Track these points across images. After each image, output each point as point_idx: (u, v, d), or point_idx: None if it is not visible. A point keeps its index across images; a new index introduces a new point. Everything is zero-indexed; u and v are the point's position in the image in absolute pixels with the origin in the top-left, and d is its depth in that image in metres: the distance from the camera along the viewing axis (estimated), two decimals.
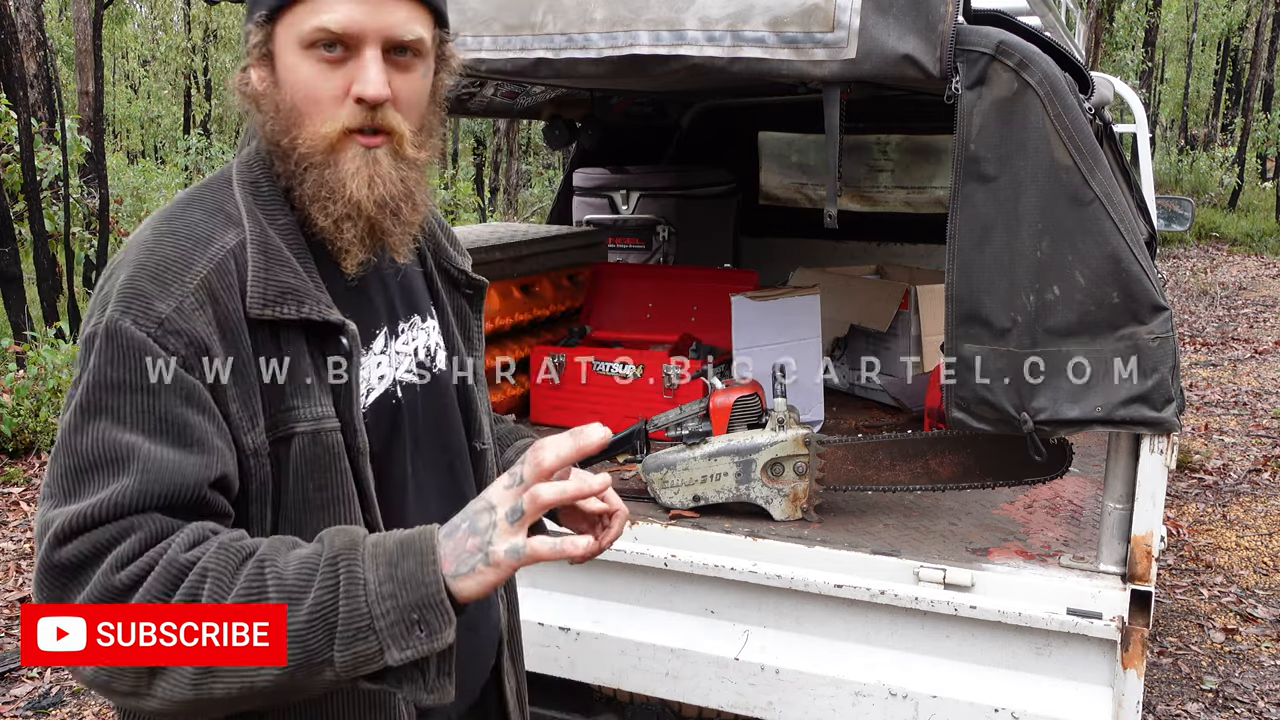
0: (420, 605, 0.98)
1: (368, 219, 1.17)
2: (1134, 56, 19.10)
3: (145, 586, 0.98)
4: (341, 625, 0.97)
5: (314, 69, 1.14)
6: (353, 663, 0.98)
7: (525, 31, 2.14)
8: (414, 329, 1.31)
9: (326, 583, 0.98)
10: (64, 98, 11.66)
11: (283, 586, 0.98)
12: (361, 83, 1.13)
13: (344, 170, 1.15)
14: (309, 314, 1.14)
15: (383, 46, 1.14)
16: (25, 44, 8.48)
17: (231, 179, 1.21)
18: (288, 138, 1.16)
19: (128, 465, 1.02)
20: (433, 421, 1.32)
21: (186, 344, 1.06)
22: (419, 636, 0.98)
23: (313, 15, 1.12)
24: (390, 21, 1.14)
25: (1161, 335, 1.84)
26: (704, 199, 4.66)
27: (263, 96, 1.17)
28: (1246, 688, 3.60)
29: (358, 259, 1.19)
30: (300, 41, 1.13)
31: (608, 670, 2.23)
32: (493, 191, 18.12)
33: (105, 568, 0.99)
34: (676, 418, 2.40)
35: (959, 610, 1.99)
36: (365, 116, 1.15)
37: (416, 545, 1.00)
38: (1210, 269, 14.27)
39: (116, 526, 1.00)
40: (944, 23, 1.85)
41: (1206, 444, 6.38)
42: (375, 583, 0.98)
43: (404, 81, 1.17)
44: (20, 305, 7.28)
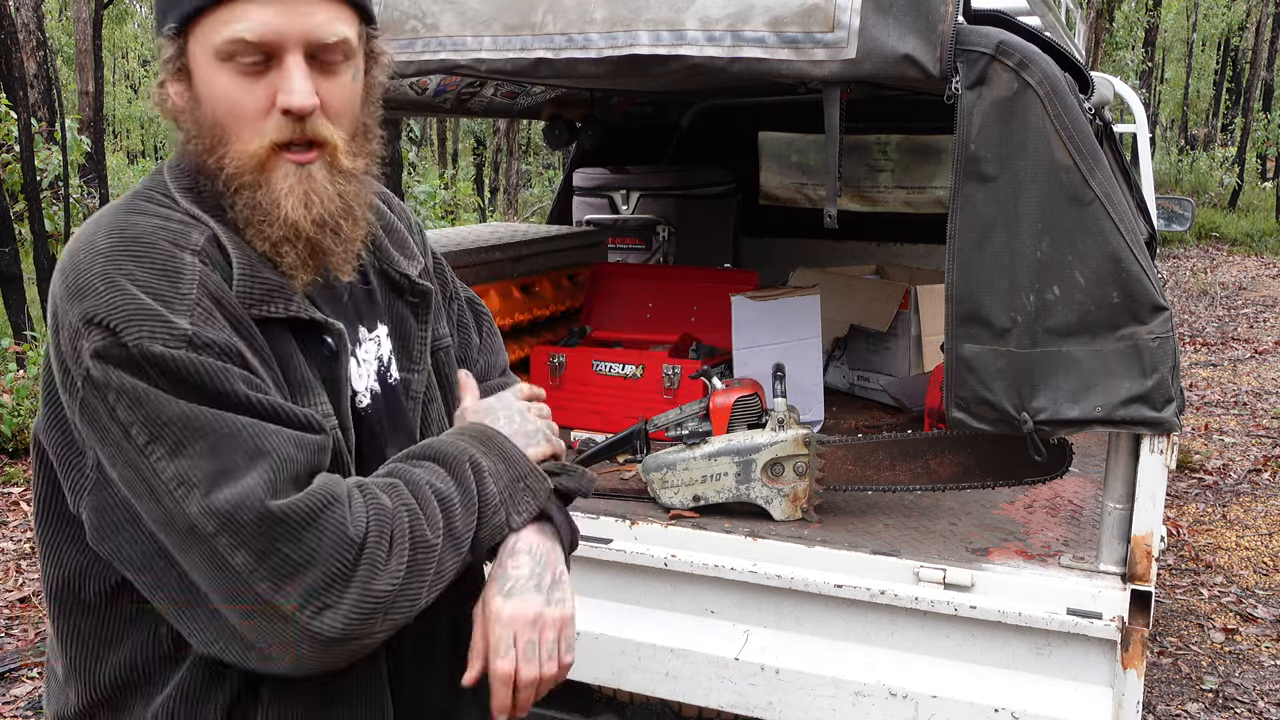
0: (522, 475, 1.22)
1: (307, 240, 1.10)
2: (1134, 56, 19.11)
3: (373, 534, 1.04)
4: (482, 506, 1.16)
5: (233, 81, 1.06)
6: (491, 535, 1.18)
7: (525, 31, 2.14)
8: (369, 339, 1.25)
9: (468, 479, 1.16)
10: (64, 98, 11.66)
11: (447, 500, 1.13)
12: (286, 93, 1.06)
13: (277, 190, 1.08)
14: (297, 312, 1.10)
15: (305, 51, 1.07)
16: (25, 44, 8.48)
17: (167, 186, 1.13)
18: (213, 157, 1.09)
19: (268, 439, 1.00)
20: (395, 431, 1.26)
21: (219, 354, 1.01)
22: (527, 501, 1.22)
23: (225, 25, 1.04)
24: (310, 24, 1.06)
25: (1161, 335, 1.84)
26: (704, 199, 4.66)
27: (182, 113, 1.11)
28: (1246, 688, 3.60)
29: (304, 280, 1.12)
30: (215, 53, 1.06)
31: (608, 670, 2.23)
32: (493, 191, 18.12)
33: (337, 524, 1.01)
34: (676, 418, 2.40)
35: (959, 610, 1.99)
36: (294, 129, 1.07)
37: (495, 434, 1.25)
38: (1210, 269, 14.27)
39: (320, 485, 1.02)
40: (944, 23, 1.85)
41: (1206, 444, 6.38)
42: (490, 464, 1.19)
43: (332, 86, 1.09)
44: (20, 305, 7.29)
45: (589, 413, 2.96)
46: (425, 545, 1.08)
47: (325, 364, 1.13)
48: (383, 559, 1.03)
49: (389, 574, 1.03)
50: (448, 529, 1.11)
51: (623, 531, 2.26)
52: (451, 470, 1.15)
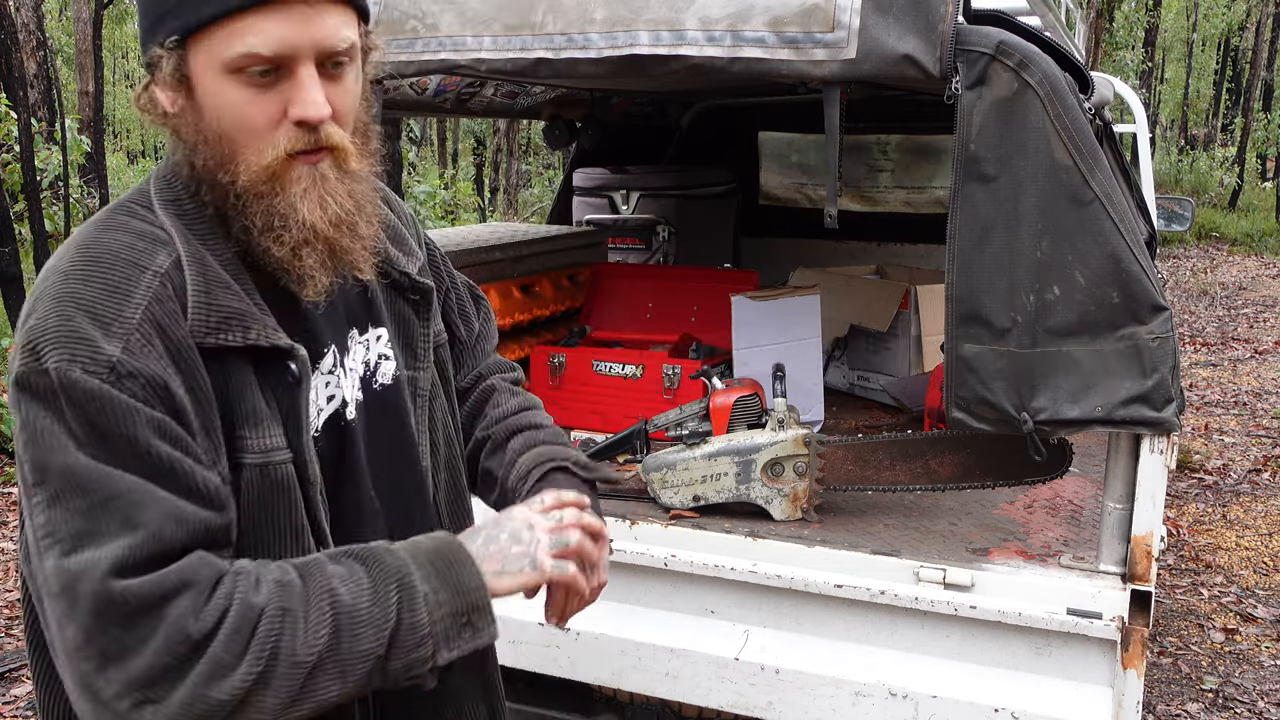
0: (469, 609, 1.07)
1: (326, 240, 1.10)
2: (1134, 56, 19.11)
3: (225, 633, 0.95)
4: (403, 636, 1.03)
5: (243, 95, 1.04)
6: (406, 668, 1.04)
7: (525, 31, 2.14)
8: (356, 342, 1.23)
9: (389, 600, 1.03)
10: (64, 98, 11.66)
11: (353, 613, 1.02)
12: (301, 105, 1.05)
13: (292, 194, 1.07)
14: (255, 340, 1.06)
15: (316, 60, 1.06)
16: (25, 44, 8.49)
17: (150, 199, 1.11)
18: (224, 172, 1.07)
19: (147, 506, 0.96)
20: (377, 440, 1.23)
21: (143, 385, 0.98)
22: (465, 636, 1.07)
23: (237, 39, 1.02)
24: (322, 33, 1.05)
25: (1161, 335, 1.84)
26: (704, 199, 4.66)
27: (179, 120, 1.08)
28: (1246, 688, 3.60)
29: (322, 284, 1.11)
30: (225, 66, 1.03)
31: (608, 670, 2.23)
32: (493, 191, 18.12)
33: (176, 617, 0.94)
34: (676, 418, 2.40)
35: (959, 610, 1.99)
36: (308, 139, 1.07)
37: (457, 554, 1.09)
38: (1210, 269, 14.27)
39: (176, 570, 0.95)
40: (944, 23, 1.85)
41: (1206, 444, 6.38)
42: (431, 593, 1.05)
43: (338, 92, 1.09)
44: (20, 305, 7.29)
45: (589, 413, 2.96)
46: (291, 661, 0.97)
47: (287, 390, 1.10)
48: (228, 663, 0.94)
49: (232, 682, 0.94)
50: (332, 649, 0.99)
51: (623, 531, 2.26)
52: (374, 584, 1.03)
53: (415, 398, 1.29)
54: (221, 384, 1.06)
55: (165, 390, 1.00)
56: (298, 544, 1.10)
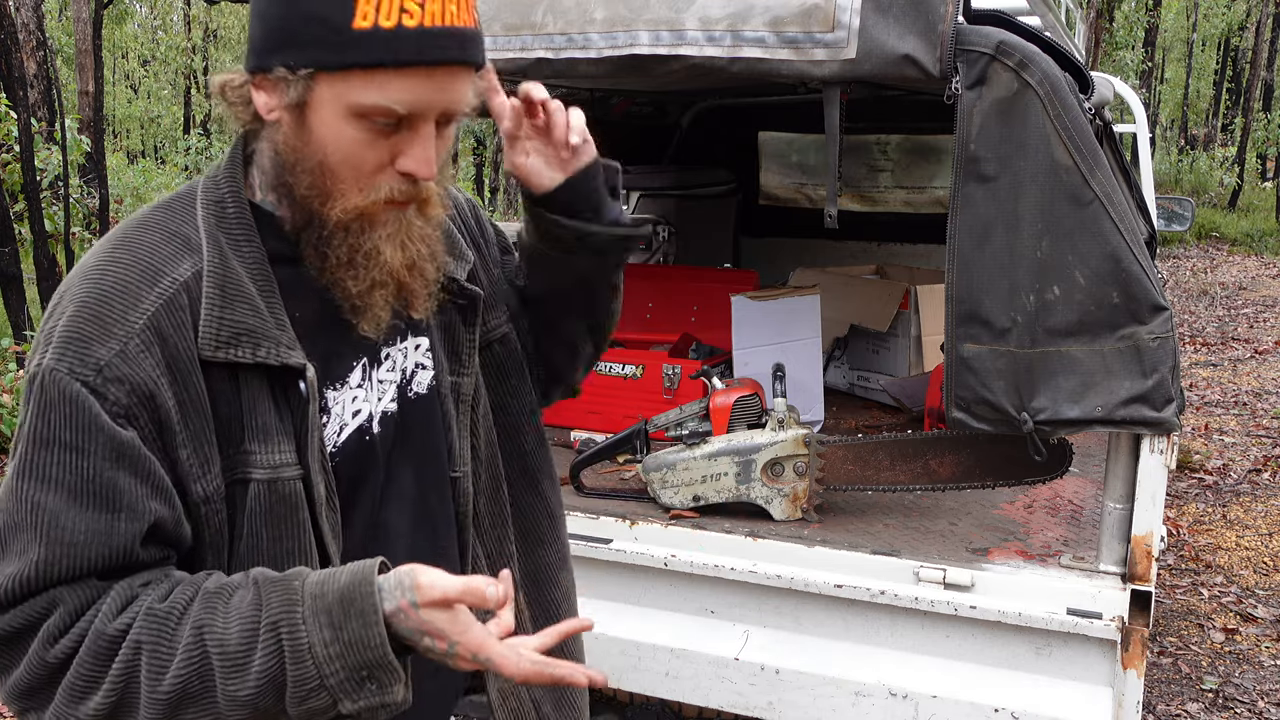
0: (369, 665, 0.98)
1: (399, 283, 1.12)
2: (1134, 56, 19.10)
3: (78, 661, 0.98)
4: (291, 687, 0.98)
5: (361, 137, 1.05)
6: (307, 714, 1.00)
7: (525, 31, 2.14)
8: (395, 351, 1.22)
9: (270, 648, 0.97)
10: (64, 98, 11.65)
11: (225, 654, 0.97)
12: (414, 160, 1.06)
13: (378, 235, 1.09)
14: (264, 358, 1.06)
15: (437, 120, 1.08)
16: (25, 44, 8.48)
17: (196, 197, 1.12)
18: (317, 201, 1.08)
19: (48, 534, 0.98)
20: (407, 450, 1.22)
21: (128, 391, 1.00)
22: (370, 690, 0.99)
23: (376, 91, 1.02)
24: (453, 98, 1.07)
25: (1161, 335, 1.84)
26: (704, 199, 4.66)
27: (275, 129, 1.09)
28: (1246, 688, 3.60)
29: (381, 321, 1.13)
30: (352, 110, 1.04)
31: (608, 670, 2.23)
32: (493, 191, 18.12)
33: (37, 643, 0.98)
34: (676, 418, 2.40)
35: (959, 610, 1.99)
36: (409, 192, 1.08)
37: (359, 605, 0.98)
38: (1210, 269, 14.27)
39: (44, 598, 0.99)
40: (944, 23, 1.85)
41: (1206, 444, 6.38)
42: (321, 645, 0.98)
43: (442, 147, 1.11)
44: (20, 305, 7.29)
45: (589, 413, 2.97)
46: (151, 695, 0.97)
47: (300, 407, 1.10)
48: (82, 689, 0.98)
49: (90, 706, 0.98)
50: (203, 689, 0.97)
51: (623, 531, 2.26)
52: (258, 628, 0.98)
53: (458, 403, 1.28)
54: (232, 397, 1.06)
55: (150, 399, 1.01)
56: (303, 561, 1.09)
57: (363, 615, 0.98)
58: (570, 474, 2.47)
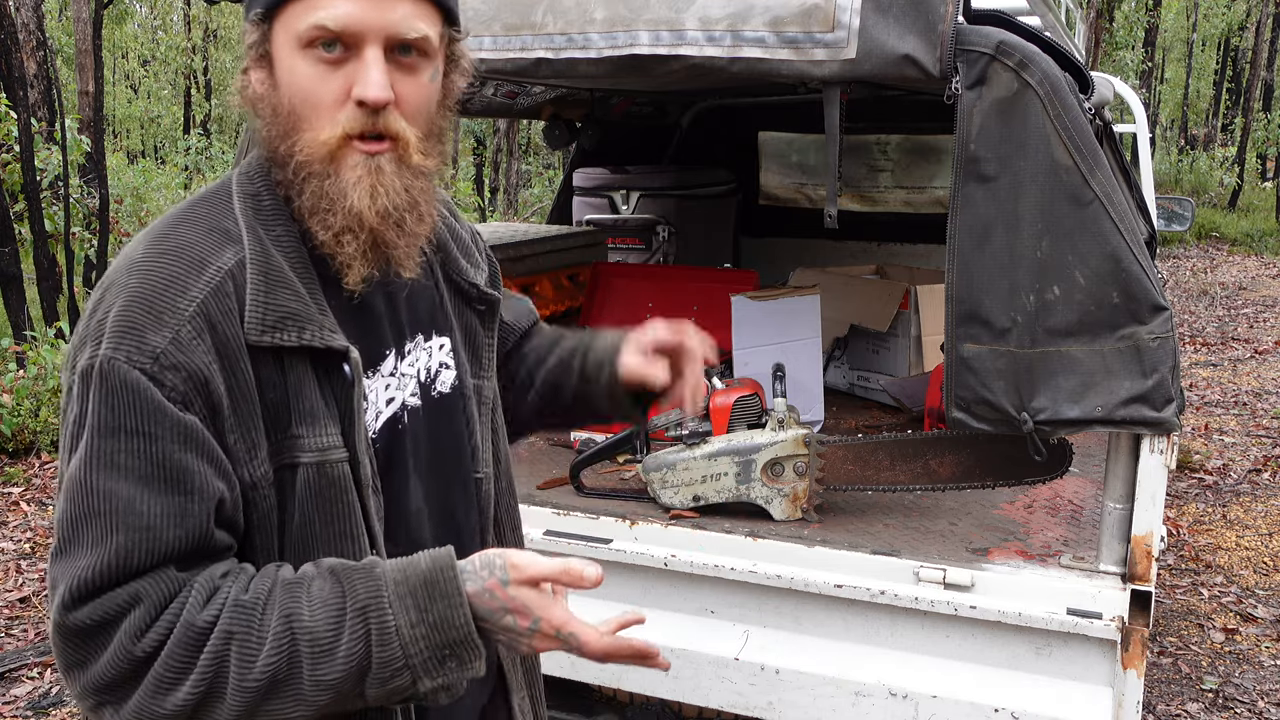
0: (453, 644, 1.02)
1: (370, 231, 1.10)
2: (1134, 56, 19.10)
3: (166, 653, 0.98)
4: (376, 669, 1.01)
5: (312, 70, 1.07)
6: (386, 695, 1.03)
7: (525, 31, 2.14)
8: (419, 349, 1.24)
9: (357, 633, 1.00)
10: (64, 98, 11.65)
11: (314, 640, 1.00)
12: (362, 84, 1.06)
13: (345, 180, 1.08)
14: (310, 340, 1.08)
15: (385, 45, 1.07)
16: (25, 44, 8.48)
17: (231, 191, 1.14)
18: (285, 144, 1.09)
19: (125, 520, 0.99)
20: (431, 448, 1.24)
21: (185, 378, 1.02)
22: (450, 667, 1.03)
23: (310, 12, 1.06)
24: (392, 18, 1.07)
25: (1161, 335, 1.84)
26: (704, 199, 4.66)
27: (261, 100, 1.11)
28: (1246, 688, 3.60)
29: (360, 274, 1.12)
30: (298, 40, 1.07)
31: (608, 670, 2.23)
32: (493, 191, 18.11)
33: (123, 636, 0.98)
34: (677, 418, 2.40)
35: (959, 610, 1.99)
36: (367, 121, 1.08)
37: (443, 587, 1.03)
38: (1210, 269, 14.27)
39: (126, 591, 0.99)
40: (944, 23, 1.85)
41: (1206, 444, 6.38)
42: (407, 626, 1.01)
43: (409, 84, 1.10)
44: (20, 305, 7.28)
45: None
46: (239, 684, 0.98)
47: (344, 390, 1.11)
48: (170, 680, 0.98)
49: (176, 698, 0.98)
50: (290, 675, 0.99)
51: (623, 531, 2.26)
52: (343, 615, 1.01)
53: (480, 406, 1.31)
54: (278, 382, 1.08)
55: (205, 385, 1.03)
56: (353, 544, 1.11)
57: (447, 596, 1.02)
58: (570, 474, 2.47)
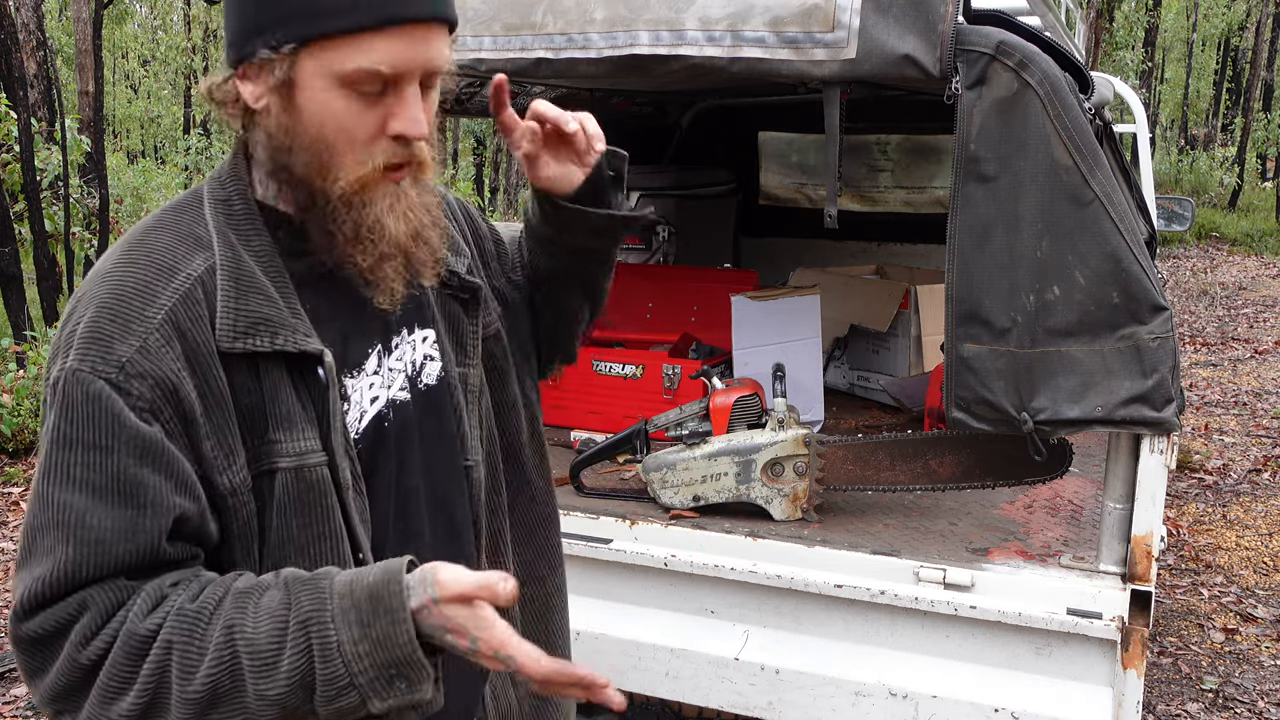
0: (397, 663, 0.98)
1: (406, 253, 1.13)
2: (1134, 56, 19.10)
3: (110, 662, 0.99)
4: (320, 686, 0.98)
5: (350, 106, 1.07)
6: (337, 713, 1.00)
7: (525, 31, 2.14)
8: (404, 343, 1.24)
9: (299, 646, 0.98)
10: (64, 98, 11.65)
11: (255, 653, 0.98)
12: (404, 121, 1.08)
13: (379, 208, 1.10)
14: (283, 345, 1.07)
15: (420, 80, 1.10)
16: (25, 44, 8.48)
17: (203, 197, 1.14)
18: (317, 178, 1.09)
19: (75, 533, 0.99)
20: (419, 440, 1.24)
21: (152, 386, 1.01)
22: (399, 688, 0.99)
23: (358, 54, 1.04)
24: (432, 55, 1.09)
25: (1161, 335, 1.84)
26: (704, 199, 4.66)
27: (265, 116, 1.10)
28: (1246, 688, 3.60)
29: (398, 293, 1.14)
30: (339, 78, 1.05)
31: (608, 670, 2.22)
32: (493, 191, 18.11)
33: (70, 645, 0.99)
34: (676, 418, 2.40)
35: (959, 610, 1.99)
36: (404, 154, 1.10)
37: (387, 602, 0.98)
38: (1210, 269, 14.27)
39: (75, 599, 1.00)
40: (944, 23, 1.85)
41: (1206, 444, 6.38)
42: (350, 643, 0.98)
43: (429, 109, 1.12)
44: (20, 305, 7.29)
45: (589, 413, 2.97)
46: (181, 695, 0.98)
47: (320, 394, 1.11)
48: (115, 690, 0.98)
49: (122, 706, 0.99)
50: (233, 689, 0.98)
51: (623, 531, 2.26)
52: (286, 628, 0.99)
53: (467, 394, 1.31)
54: (253, 388, 1.07)
55: (174, 394, 1.02)
56: (334, 548, 1.10)
57: (390, 612, 0.98)
58: (570, 474, 2.47)
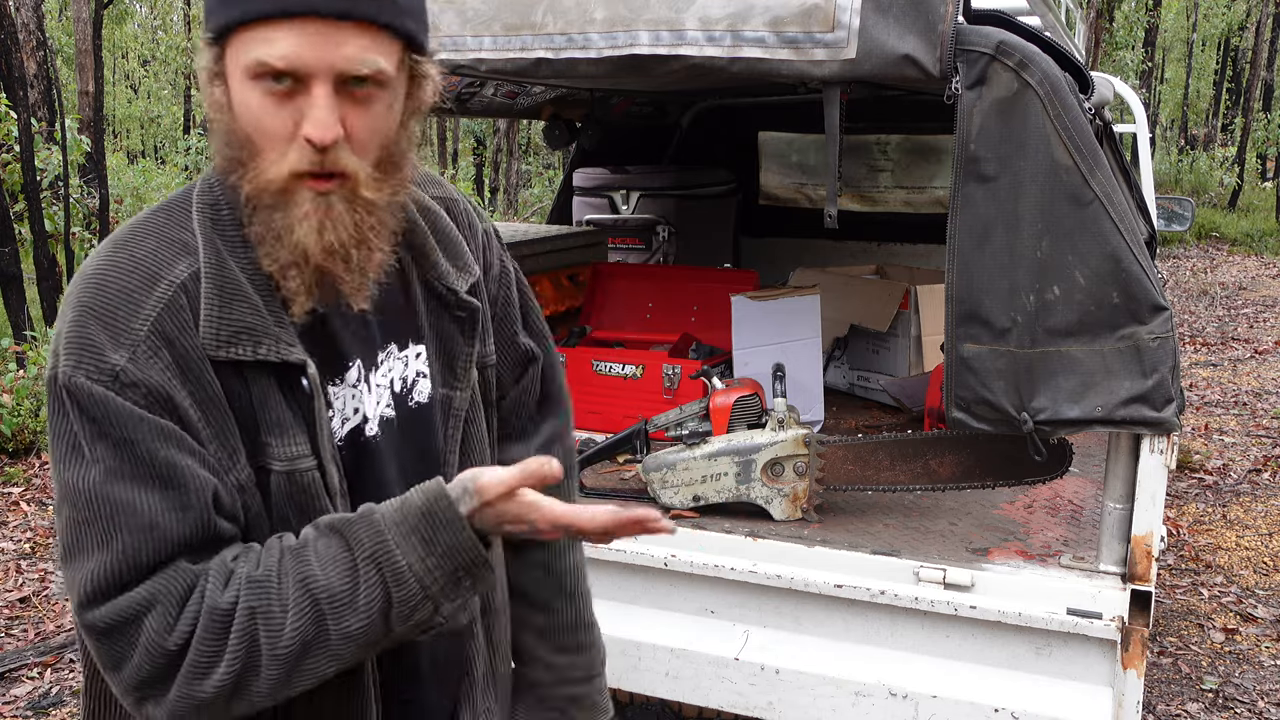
0: (465, 566, 1.04)
1: (315, 267, 1.08)
2: (1134, 56, 19.10)
3: (196, 640, 1.00)
4: (397, 607, 1.03)
5: (261, 101, 1.04)
6: (411, 629, 1.06)
7: (525, 31, 2.14)
8: (392, 359, 1.21)
9: (371, 580, 1.02)
10: (64, 98, 11.65)
11: (333, 598, 1.02)
12: (309, 123, 1.03)
13: (293, 215, 1.06)
14: (265, 355, 1.07)
15: (335, 81, 1.04)
16: (25, 44, 8.48)
17: (191, 200, 1.13)
18: (237, 174, 1.08)
19: (127, 521, 1.01)
20: (411, 457, 1.22)
21: (145, 394, 1.02)
22: (466, 586, 1.06)
23: (255, 46, 1.02)
24: (340, 55, 1.02)
25: (1161, 335, 1.84)
26: (704, 199, 4.66)
27: (217, 120, 1.09)
28: (1246, 688, 3.60)
29: (304, 305, 1.10)
30: (245, 71, 1.04)
31: (608, 670, 2.23)
32: (493, 191, 18.11)
33: (150, 634, 1.00)
34: (676, 418, 2.40)
35: (959, 610, 1.99)
36: (315, 160, 1.04)
37: (442, 516, 1.04)
38: (1210, 269, 14.27)
39: (143, 590, 1.01)
40: (944, 23, 1.85)
41: (1206, 444, 6.38)
42: (419, 561, 1.03)
43: (361, 117, 1.06)
44: (20, 305, 7.29)
45: (589, 413, 2.97)
46: (271, 654, 1.01)
47: (306, 401, 1.10)
48: (205, 665, 1.00)
49: (214, 680, 1.01)
50: (318, 636, 1.02)
51: None
52: (355, 567, 1.03)
53: (448, 417, 1.26)
54: (243, 393, 1.08)
55: (168, 401, 1.03)
56: None
57: (449, 524, 1.03)
58: None
